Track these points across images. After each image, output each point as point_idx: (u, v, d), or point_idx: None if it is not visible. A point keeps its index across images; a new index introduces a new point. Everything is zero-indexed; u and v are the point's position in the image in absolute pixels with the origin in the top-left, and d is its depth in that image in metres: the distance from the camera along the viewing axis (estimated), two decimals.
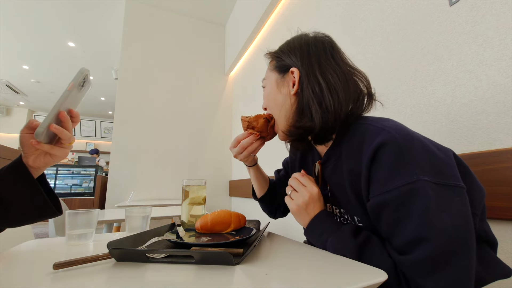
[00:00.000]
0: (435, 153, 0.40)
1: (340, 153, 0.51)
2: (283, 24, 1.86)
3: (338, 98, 0.49)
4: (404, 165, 0.38)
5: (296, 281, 0.35)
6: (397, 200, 0.38)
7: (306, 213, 0.51)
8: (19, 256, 0.47)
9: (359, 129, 0.48)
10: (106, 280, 0.35)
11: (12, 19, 3.02)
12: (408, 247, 0.38)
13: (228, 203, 2.76)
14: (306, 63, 0.52)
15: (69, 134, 0.49)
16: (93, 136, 7.22)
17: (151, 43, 2.65)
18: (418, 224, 0.36)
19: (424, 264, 0.35)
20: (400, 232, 0.39)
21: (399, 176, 0.38)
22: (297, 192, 0.52)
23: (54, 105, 0.46)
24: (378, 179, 0.41)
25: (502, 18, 0.65)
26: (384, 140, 0.41)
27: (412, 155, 0.39)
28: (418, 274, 0.36)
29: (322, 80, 0.50)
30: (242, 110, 2.64)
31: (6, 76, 4.73)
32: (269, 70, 0.61)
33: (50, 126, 0.45)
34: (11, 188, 0.46)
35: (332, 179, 0.54)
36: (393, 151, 0.40)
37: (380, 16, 1.02)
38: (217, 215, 0.61)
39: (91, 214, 0.58)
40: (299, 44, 0.55)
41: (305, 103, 0.52)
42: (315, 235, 0.50)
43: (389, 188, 0.39)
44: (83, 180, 5.30)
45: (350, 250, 0.42)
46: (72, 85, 0.47)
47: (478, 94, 0.69)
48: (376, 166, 0.41)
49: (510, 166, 0.59)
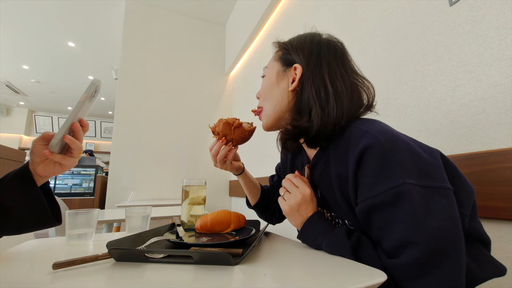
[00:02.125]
0: (421, 155, 0.40)
1: (328, 157, 0.51)
2: (283, 24, 1.86)
3: (342, 107, 0.48)
4: (389, 169, 0.38)
5: (296, 281, 0.35)
6: (384, 204, 0.38)
7: (298, 214, 0.51)
8: (19, 256, 0.47)
9: (344, 132, 0.47)
10: (105, 280, 0.35)
11: (12, 19, 3.02)
12: (396, 250, 0.37)
13: (228, 203, 2.76)
14: (313, 63, 0.51)
15: (80, 144, 0.50)
16: (93, 136, 7.22)
17: (151, 43, 2.65)
18: (405, 228, 0.36)
19: (411, 267, 0.35)
20: (388, 235, 0.39)
21: (384, 180, 0.38)
22: (290, 193, 0.52)
23: (68, 117, 0.48)
24: (364, 184, 0.41)
25: (502, 18, 0.65)
26: (368, 143, 0.40)
27: (397, 158, 0.38)
28: (406, 278, 0.36)
29: (329, 84, 0.49)
30: (242, 110, 2.64)
31: (6, 76, 4.73)
32: (273, 59, 0.59)
33: (65, 137, 0.48)
34: (14, 196, 0.46)
35: (321, 182, 0.54)
36: (377, 155, 0.39)
37: (380, 16, 1.02)
38: (217, 215, 0.61)
39: (91, 214, 0.58)
40: (310, 42, 0.54)
41: (304, 103, 0.51)
42: (310, 238, 0.50)
43: (376, 193, 0.39)
44: (83, 180, 5.30)
45: (346, 252, 0.42)
46: (85, 96, 0.49)
47: (478, 94, 0.69)
48: (362, 171, 0.41)
49: (510, 166, 0.59)
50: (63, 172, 0.52)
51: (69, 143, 0.49)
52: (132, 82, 2.50)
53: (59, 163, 0.50)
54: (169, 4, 2.73)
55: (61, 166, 0.51)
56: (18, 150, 1.81)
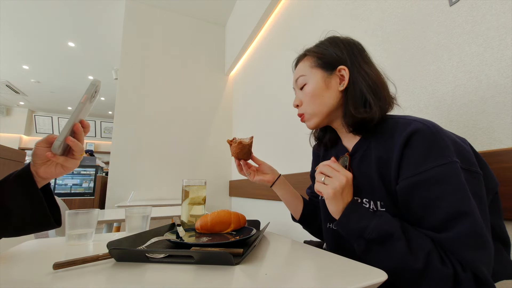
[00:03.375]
0: (458, 142, 0.45)
1: (369, 144, 0.54)
2: (283, 24, 1.86)
3: (388, 92, 0.55)
4: (438, 149, 0.42)
5: (296, 281, 0.35)
6: (432, 179, 0.41)
7: (341, 198, 0.49)
8: (19, 256, 0.47)
9: (388, 123, 0.52)
10: (106, 280, 0.35)
11: (12, 19, 3.02)
12: (448, 223, 0.39)
13: (228, 203, 2.76)
14: (353, 61, 0.57)
15: (81, 146, 0.50)
16: (93, 136, 7.21)
17: (151, 43, 2.65)
18: (457, 199, 0.39)
19: (469, 237, 0.37)
20: (437, 209, 0.40)
21: (433, 158, 0.41)
22: (331, 178, 0.50)
23: (69, 118, 0.48)
24: (411, 162, 0.43)
25: (502, 18, 0.65)
26: (417, 127, 0.44)
27: (445, 141, 0.42)
28: (464, 248, 0.37)
29: (373, 75, 0.55)
30: (242, 110, 2.64)
31: (6, 76, 4.73)
32: (310, 67, 0.61)
33: (67, 139, 0.48)
34: (15, 198, 0.46)
35: (359, 169, 0.55)
36: (426, 137, 0.43)
37: (380, 16, 1.02)
38: (217, 215, 0.61)
39: (91, 214, 0.58)
40: (341, 42, 0.60)
41: (358, 97, 0.54)
42: (353, 221, 0.47)
43: (424, 169, 0.41)
44: (83, 180, 5.30)
45: (397, 231, 0.42)
46: (85, 97, 0.49)
47: (478, 94, 0.69)
48: (409, 150, 0.44)
49: (510, 166, 0.59)
50: (65, 173, 0.52)
51: (71, 145, 0.49)
52: (132, 82, 2.50)
53: (61, 164, 0.50)
54: (169, 4, 2.73)
55: (63, 168, 0.51)
56: (18, 150, 1.81)
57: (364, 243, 0.44)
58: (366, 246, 0.44)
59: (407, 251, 0.39)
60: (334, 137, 0.66)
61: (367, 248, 0.44)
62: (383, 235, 0.42)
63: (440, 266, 0.38)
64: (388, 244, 0.42)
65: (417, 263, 0.38)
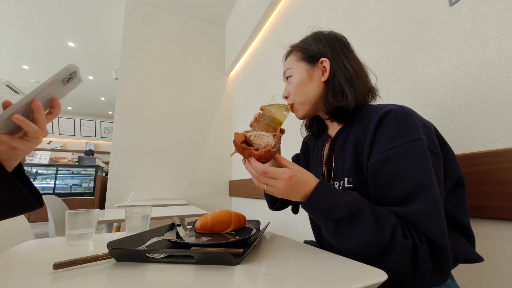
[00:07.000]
0: (427, 124, 0.49)
1: (350, 129, 0.58)
2: (283, 24, 1.86)
3: (364, 83, 0.58)
4: (409, 127, 0.45)
5: (296, 281, 0.35)
6: (399, 155, 0.44)
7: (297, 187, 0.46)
8: (19, 256, 0.47)
9: (368, 110, 0.55)
10: (106, 280, 0.35)
11: (12, 19, 3.02)
12: (411, 196, 0.41)
13: (228, 203, 2.76)
14: (334, 54, 0.60)
15: (35, 127, 0.43)
16: (93, 136, 7.21)
17: (151, 43, 2.65)
18: (420, 172, 0.42)
19: (431, 209, 0.40)
20: (401, 183, 0.43)
21: (403, 136, 0.44)
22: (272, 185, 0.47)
23: (24, 96, 0.42)
24: (383, 140, 0.47)
25: (502, 18, 0.65)
26: (390, 108, 0.48)
27: (416, 121, 0.46)
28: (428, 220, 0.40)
29: (350, 68, 0.58)
30: (242, 110, 2.64)
31: (6, 76, 4.73)
32: (295, 60, 0.65)
33: (12, 116, 0.40)
34: None
35: (339, 152, 0.59)
36: (398, 116, 0.46)
37: (380, 16, 1.02)
38: (217, 215, 0.61)
39: (91, 214, 0.58)
40: (324, 37, 0.63)
41: (337, 87, 0.58)
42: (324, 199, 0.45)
43: (394, 145, 0.45)
44: (83, 180, 5.30)
45: (365, 207, 0.42)
46: (52, 80, 0.43)
47: (478, 94, 0.69)
48: (381, 128, 0.47)
49: (510, 166, 0.59)
50: (20, 156, 0.46)
51: (20, 124, 0.41)
52: (132, 82, 2.50)
53: (12, 146, 0.44)
54: (169, 4, 2.73)
55: (14, 150, 0.45)
56: None
57: (333, 222, 0.43)
58: (335, 226, 0.43)
59: (375, 227, 0.40)
60: (321, 126, 0.71)
61: (335, 228, 0.43)
62: (354, 211, 0.42)
63: (402, 239, 0.39)
64: (358, 221, 0.41)
65: (384, 238, 0.39)
